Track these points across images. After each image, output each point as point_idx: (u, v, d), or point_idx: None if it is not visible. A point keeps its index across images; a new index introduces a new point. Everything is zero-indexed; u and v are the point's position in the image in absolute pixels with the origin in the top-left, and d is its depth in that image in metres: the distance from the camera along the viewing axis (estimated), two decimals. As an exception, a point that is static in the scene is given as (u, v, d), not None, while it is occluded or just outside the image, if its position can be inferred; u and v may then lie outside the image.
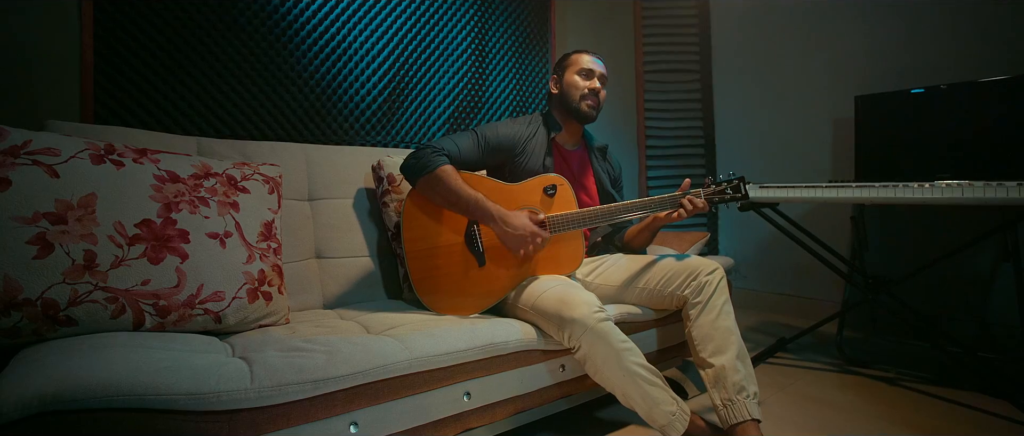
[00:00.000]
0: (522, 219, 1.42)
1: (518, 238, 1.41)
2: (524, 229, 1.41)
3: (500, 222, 1.41)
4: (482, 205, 1.43)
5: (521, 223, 1.41)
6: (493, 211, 1.42)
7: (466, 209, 1.44)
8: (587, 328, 1.23)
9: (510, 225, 1.41)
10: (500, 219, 1.41)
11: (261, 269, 1.30)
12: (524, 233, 1.40)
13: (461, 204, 1.44)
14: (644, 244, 1.71)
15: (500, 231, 1.42)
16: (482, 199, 1.43)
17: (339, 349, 1.07)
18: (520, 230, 1.40)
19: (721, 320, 1.41)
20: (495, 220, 1.42)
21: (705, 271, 1.47)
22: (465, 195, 1.43)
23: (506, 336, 1.27)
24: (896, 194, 1.70)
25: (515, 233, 1.40)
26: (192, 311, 1.17)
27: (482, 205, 1.43)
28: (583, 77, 1.65)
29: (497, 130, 1.60)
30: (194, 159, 1.34)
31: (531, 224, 1.42)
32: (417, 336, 1.19)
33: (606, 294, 1.60)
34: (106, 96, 1.57)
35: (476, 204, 1.43)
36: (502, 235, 1.42)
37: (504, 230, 1.41)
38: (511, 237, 1.41)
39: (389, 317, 1.39)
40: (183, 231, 1.21)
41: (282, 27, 1.87)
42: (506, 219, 1.41)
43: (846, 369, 2.08)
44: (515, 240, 1.41)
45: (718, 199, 1.54)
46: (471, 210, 1.44)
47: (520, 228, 1.40)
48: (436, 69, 2.27)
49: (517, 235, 1.40)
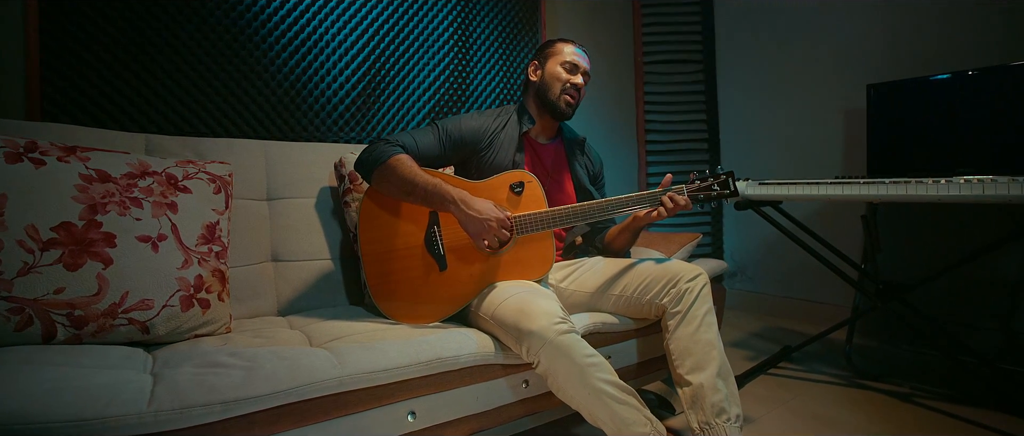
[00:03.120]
0: (486, 204, 1.30)
1: (479, 223, 1.28)
2: (487, 214, 1.28)
3: (461, 205, 1.29)
4: (441, 189, 1.30)
5: (484, 207, 1.29)
6: (454, 194, 1.30)
7: (424, 196, 1.32)
8: (546, 341, 1.11)
9: (472, 208, 1.28)
10: (461, 201, 1.29)
11: (198, 275, 1.21)
12: (487, 217, 1.28)
13: (418, 191, 1.31)
14: (625, 246, 1.58)
15: (461, 216, 1.29)
16: (440, 183, 1.31)
17: (262, 365, 0.97)
18: (483, 214, 1.28)
19: (702, 333, 1.27)
20: (455, 202, 1.29)
21: (686, 277, 1.33)
22: (421, 180, 1.31)
23: (457, 349, 1.15)
24: (909, 191, 1.54)
25: (478, 216, 1.27)
26: (114, 321, 1.08)
27: (441, 189, 1.30)
28: (567, 70, 1.52)
29: (460, 123, 1.49)
30: (132, 157, 1.26)
31: (496, 210, 1.30)
32: (355, 350, 1.08)
33: (580, 301, 1.47)
34: (55, 92, 1.50)
35: (435, 188, 1.30)
36: (463, 220, 1.30)
37: (466, 214, 1.28)
38: (473, 221, 1.28)
39: (339, 326, 1.29)
40: (109, 235, 1.12)
41: (247, 18, 1.78)
42: (467, 202, 1.29)
43: (855, 382, 1.91)
44: (476, 225, 1.28)
45: (704, 196, 1.40)
46: (429, 196, 1.31)
47: (483, 212, 1.28)
48: (415, 61, 2.16)
49: (479, 219, 1.27)
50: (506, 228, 1.31)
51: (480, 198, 1.32)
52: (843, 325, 2.07)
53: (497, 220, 1.28)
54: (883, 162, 2.10)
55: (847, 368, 2.05)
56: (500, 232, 1.30)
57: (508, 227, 1.31)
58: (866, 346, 2.34)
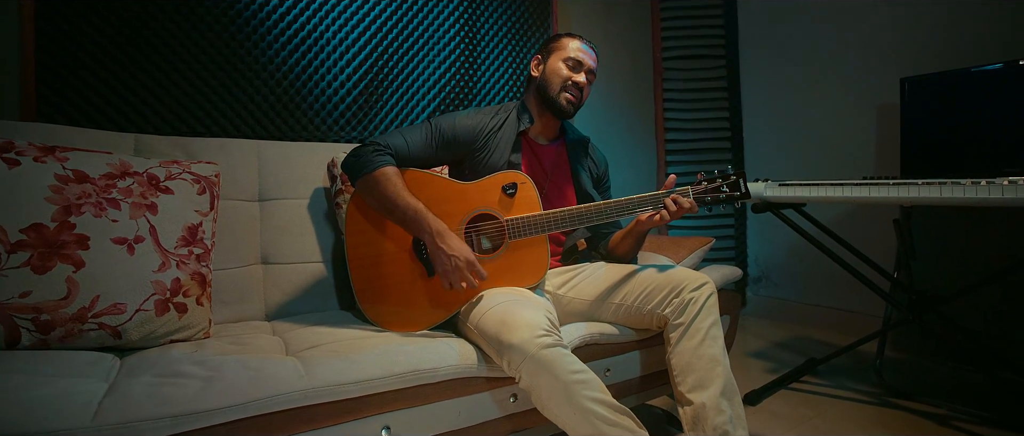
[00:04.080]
0: (462, 245, 1.23)
1: (447, 261, 1.20)
2: (458, 253, 1.20)
3: (436, 237, 1.22)
4: (420, 217, 1.24)
5: (458, 246, 1.22)
6: (432, 225, 1.23)
7: (403, 220, 1.26)
8: (527, 356, 1.03)
9: (445, 243, 1.21)
10: (437, 233, 1.22)
11: (176, 278, 1.18)
12: (457, 255, 1.20)
13: (397, 213, 1.26)
14: (630, 251, 1.48)
15: (432, 248, 1.23)
16: (421, 210, 1.25)
17: (223, 375, 0.92)
18: (453, 252, 1.20)
19: (706, 347, 1.17)
20: (431, 234, 1.23)
21: (690, 286, 1.23)
22: (402, 203, 1.25)
23: (436, 361, 1.08)
24: (944, 193, 1.39)
25: (447, 252, 1.20)
26: (83, 326, 1.05)
27: (420, 217, 1.24)
28: (570, 67, 1.44)
29: (454, 121, 1.42)
30: (113, 157, 1.23)
31: (470, 252, 1.22)
32: (327, 359, 1.03)
33: (578, 310, 1.38)
34: (51, 93, 1.50)
35: (415, 215, 1.24)
36: (433, 252, 1.23)
37: (437, 247, 1.22)
38: (442, 257, 1.21)
39: (321, 333, 1.24)
40: (82, 236, 1.09)
41: (246, 16, 1.75)
42: (443, 237, 1.22)
43: (886, 401, 1.76)
44: (444, 263, 1.21)
45: (710, 199, 1.30)
46: (408, 222, 1.26)
47: (454, 251, 1.20)
48: (420, 58, 2.10)
49: (449, 256, 1.20)
50: (475, 276, 1.22)
51: (457, 237, 1.25)
52: (874, 337, 1.92)
53: (466, 261, 1.20)
54: (918, 161, 1.94)
55: (877, 385, 1.90)
56: (466, 275, 1.21)
57: (477, 275, 1.22)
58: (899, 360, 2.17)
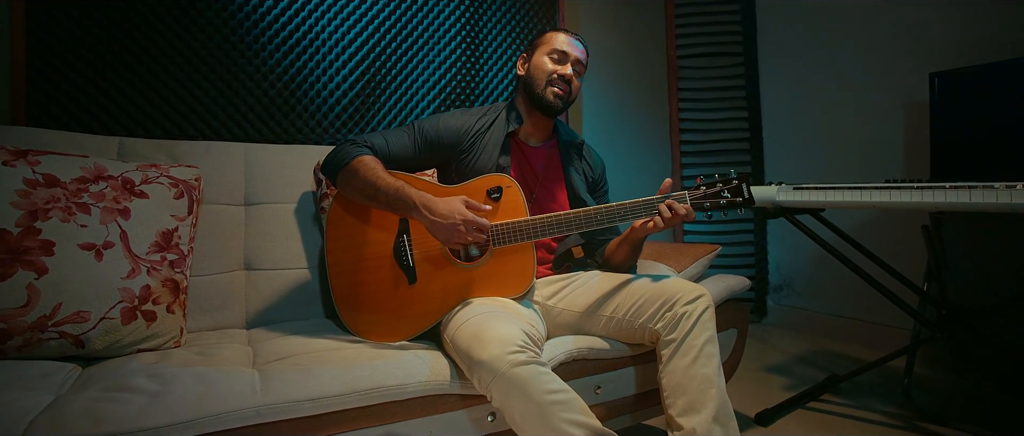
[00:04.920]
0: (451, 204, 1.16)
1: (446, 229, 1.14)
2: (452, 216, 1.14)
3: (423, 210, 1.16)
4: (403, 193, 1.18)
5: (449, 208, 1.15)
6: (416, 198, 1.17)
7: (386, 201, 1.19)
8: (497, 374, 0.95)
9: (436, 212, 1.15)
10: (423, 205, 1.16)
11: (146, 285, 1.14)
12: (452, 219, 1.14)
13: (380, 196, 1.19)
14: (626, 261, 1.39)
15: (426, 222, 1.17)
16: (403, 186, 1.18)
17: (173, 390, 0.88)
18: (448, 217, 1.14)
19: (699, 366, 1.07)
20: (417, 208, 1.16)
21: (684, 299, 1.13)
22: (383, 184, 1.19)
23: (404, 377, 1.02)
24: (974, 198, 1.26)
25: (442, 222, 1.14)
26: (43, 335, 1.02)
27: (403, 193, 1.18)
28: (554, 60, 1.36)
29: (439, 123, 1.35)
30: (89, 161, 1.21)
31: (463, 208, 1.15)
32: (289, 374, 0.97)
33: (568, 322, 1.30)
34: (40, 96, 1.50)
35: (397, 193, 1.18)
36: (429, 226, 1.17)
37: (430, 220, 1.15)
38: (439, 228, 1.15)
39: (294, 343, 1.19)
40: (47, 242, 1.07)
41: (239, 18, 1.73)
42: (430, 205, 1.16)
43: (914, 424, 1.62)
44: (443, 231, 1.15)
45: (709, 205, 1.20)
46: (392, 201, 1.19)
47: (448, 215, 1.14)
48: (420, 58, 2.05)
49: (445, 225, 1.14)
50: (480, 229, 1.16)
51: (446, 198, 1.18)
52: (902, 353, 1.78)
53: (464, 220, 1.14)
54: (950, 163, 1.78)
55: (905, 405, 1.75)
56: (473, 233, 1.15)
57: (482, 228, 1.16)
58: (929, 379, 2.00)
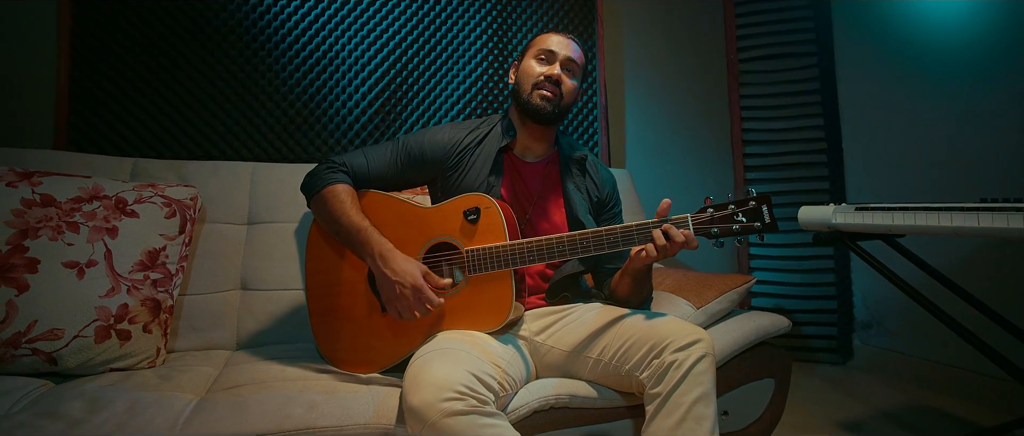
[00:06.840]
0: (409, 265, 1.06)
1: (391, 287, 1.05)
2: (405, 277, 1.04)
3: (379, 261, 1.08)
4: (363, 236, 1.10)
5: (403, 269, 1.05)
6: (374, 246, 1.09)
7: (348, 240, 1.14)
8: (425, 423, 0.82)
9: (389, 267, 1.06)
10: (380, 257, 1.08)
11: (124, 304, 1.15)
12: (404, 281, 1.04)
13: (342, 233, 1.14)
14: (630, 294, 1.20)
15: (378, 274, 1.08)
16: (366, 229, 1.11)
17: (93, 419, 0.86)
18: (401, 277, 1.05)
19: (684, 430, 0.87)
20: (375, 257, 1.08)
21: (675, 344, 0.94)
22: (346, 222, 1.12)
23: (340, 418, 0.93)
24: (1099, 226, 0.94)
25: (392, 278, 1.05)
26: (16, 351, 1.05)
27: (363, 236, 1.10)
28: (541, 61, 1.24)
29: (424, 138, 1.27)
30: (88, 181, 1.25)
31: (419, 275, 1.05)
32: (221, 407, 0.92)
33: (554, 362, 1.14)
34: (81, 122, 1.60)
35: (357, 235, 1.11)
36: (379, 280, 1.08)
37: (381, 272, 1.07)
38: (386, 283, 1.06)
39: (263, 369, 1.15)
40: (32, 260, 1.10)
41: (260, 41, 1.76)
42: (387, 259, 1.07)
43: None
44: (388, 289, 1.06)
45: (718, 231, 0.99)
46: (353, 243, 1.13)
47: (400, 275, 1.05)
48: (443, 71, 1.99)
49: (392, 282, 1.05)
50: (429, 304, 1.05)
51: (407, 258, 1.08)
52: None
53: (414, 286, 1.04)
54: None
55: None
56: (417, 304, 1.05)
57: (431, 303, 1.05)
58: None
